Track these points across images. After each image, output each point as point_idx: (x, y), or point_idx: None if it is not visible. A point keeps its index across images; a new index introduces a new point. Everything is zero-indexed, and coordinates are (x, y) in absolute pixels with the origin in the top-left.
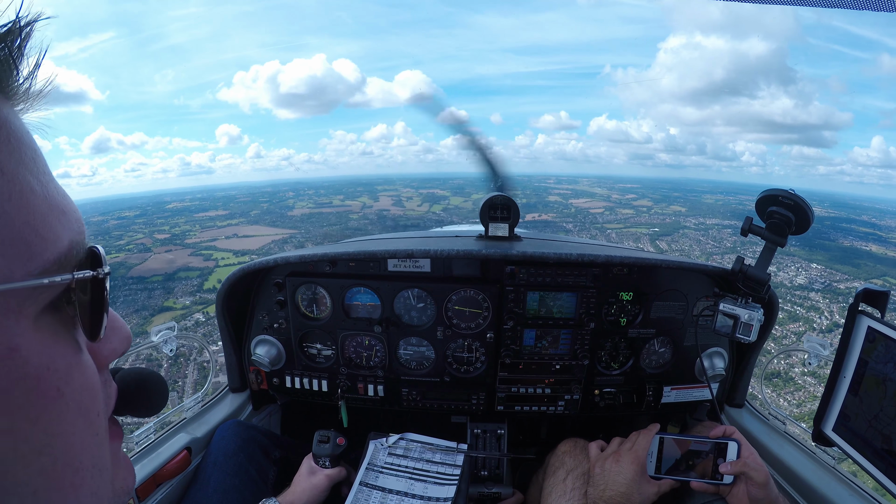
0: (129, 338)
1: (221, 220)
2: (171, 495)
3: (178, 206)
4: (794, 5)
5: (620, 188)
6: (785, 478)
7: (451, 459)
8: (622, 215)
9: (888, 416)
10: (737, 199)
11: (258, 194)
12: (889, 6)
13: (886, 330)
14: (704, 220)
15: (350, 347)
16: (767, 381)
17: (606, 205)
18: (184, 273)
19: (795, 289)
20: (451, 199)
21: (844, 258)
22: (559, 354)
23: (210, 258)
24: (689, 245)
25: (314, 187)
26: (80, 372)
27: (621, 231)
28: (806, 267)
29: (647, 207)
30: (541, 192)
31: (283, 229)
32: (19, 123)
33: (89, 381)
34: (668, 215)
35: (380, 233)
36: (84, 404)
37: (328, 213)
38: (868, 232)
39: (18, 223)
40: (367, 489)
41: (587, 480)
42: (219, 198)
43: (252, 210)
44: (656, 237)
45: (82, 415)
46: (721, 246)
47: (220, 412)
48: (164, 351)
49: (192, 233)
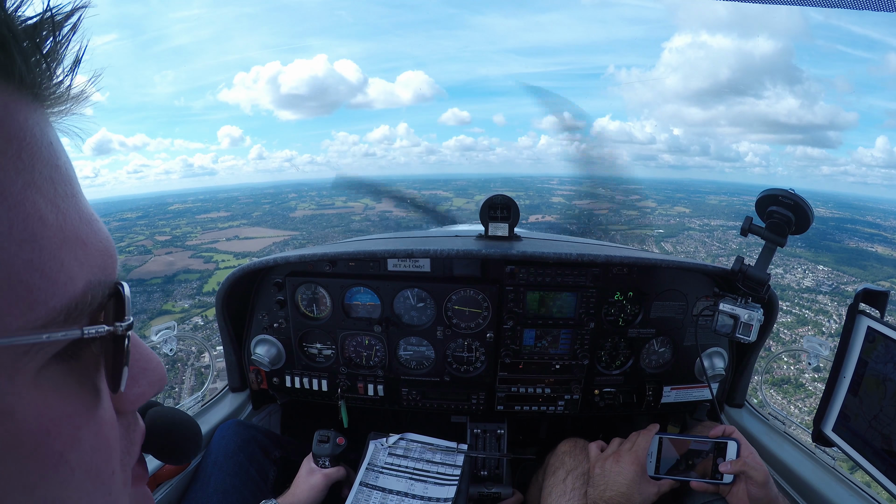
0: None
1: (223, 221)
2: (171, 495)
3: (180, 207)
4: (801, 5)
5: (623, 189)
6: (785, 478)
7: (452, 460)
8: (626, 216)
9: (888, 417)
10: (741, 200)
11: (260, 196)
12: (889, 6)
13: (886, 330)
14: (709, 221)
15: (350, 347)
16: (777, 388)
17: (610, 205)
18: (184, 275)
19: (803, 291)
20: (454, 201)
21: (851, 260)
22: (559, 354)
23: (210, 260)
24: (695, 247)
25: (317, 188)
26: (93, 432)
27: (626, 233)
28: (813, 269)
29: (651, 208)
30: (544, 193)
31: (284, 231)
32: (42, 133)
33: (103, 442)
34: (672, 216)
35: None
36: (94, 466)
37: (330, 215)
38: (873, 233)
39: (19, 262)
40: (368, 489)
41: (587, 481)
42: (221, 199)
43: (254, 212)
44: (661, 239)
45: (91, 477)
46: (727, 247)
47: (220, 412)
48: (163, 351)
49: (192, 234)
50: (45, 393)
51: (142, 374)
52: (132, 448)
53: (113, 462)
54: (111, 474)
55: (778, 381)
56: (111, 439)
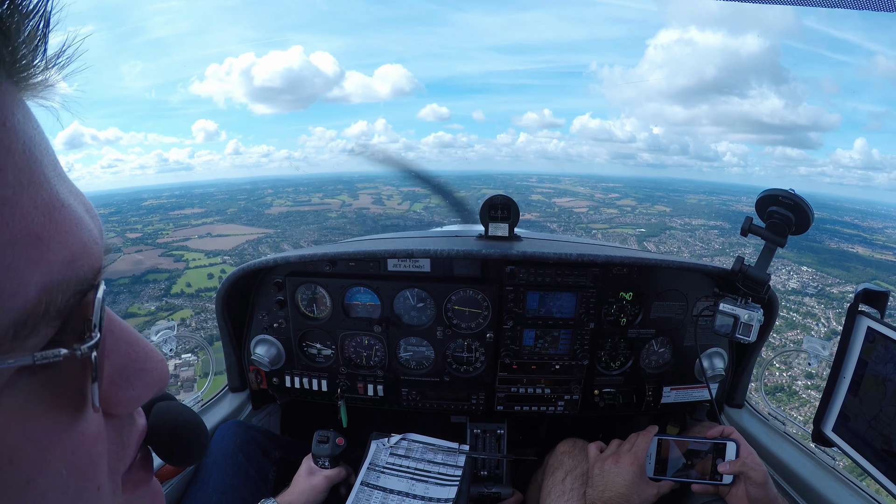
0: (165, 380)
1: (196, 218)
2: (171, 495)
3: (155, 203)
4: (800, 5)
5: (603, 187)
6: (784, 478)
7: (453, 460)
8: (607, 215)
9: (888, 417)
10: (720, 200)
11: (236, 192)
12: (890, 6)
13: (886, 330)
14: (690, 220)
15: (350, 347)
16: (771, 396)
17: (590, 204)
18: (152, 275)
19: (789, 293)
20: (431, 198)
21: (833, 261)
22: (559, 354)
23: (181, 259)
24: (678, 246)
25: (294, 185)
26: (68, 451)
27: (607, 231)
28: (797, 270)
29: (631, 207)
30: (523, 190)
31: (258, 228)
32: (4, 115)
33: (83, 459)
34: (653, 215)
35: (359, 232)
36: (72, 488)
37: (306, 212)
38: (853, 233)
39: None
40: (369, 489)
41: (586, 481)
42: (196, 195)
43: (229, 208)
44: (643, 238)
45: (69, 498)
46: (709, 248)
47: (220, 412)
48: (164, 350)
49: (164, 231)
50: (4, 416)
51: (138, 375)
52: (125, 452)
53: (97, 478)
54: (95, 490)
55: (771, 389)
56: (94, 454)
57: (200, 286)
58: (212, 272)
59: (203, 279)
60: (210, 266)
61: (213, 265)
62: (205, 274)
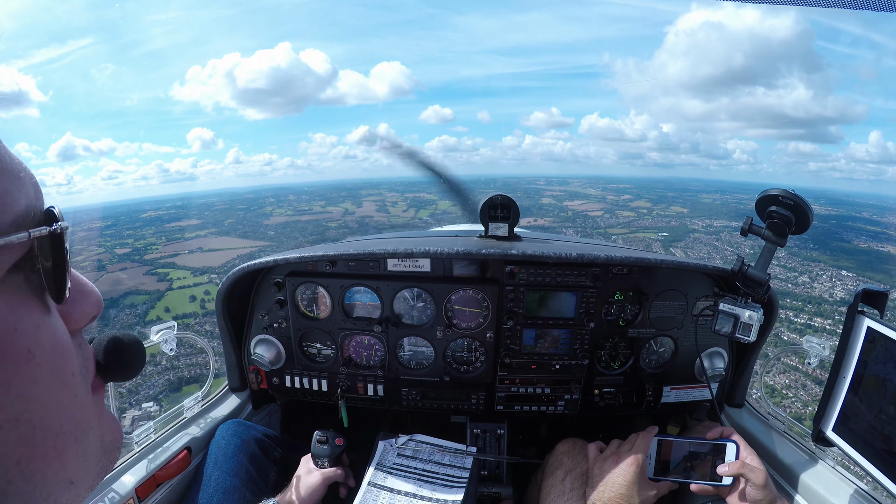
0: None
1: (192, 230)
2: (171, 495)
3: (153, 214)
4: (803, 5)
5: (614, 188)
6: (785, 478)
7: (460, 462)
8: (623, 218)
9: (888, 417)
10: (734, 199)
11: (237, 201)
12: (890, 6)
13: (886, 330)
14: (711, 221)
15: (350, 347)
16: (770, 395)
17: (604, 206)
18: (130, 298)
19: (839, 304)
20: (438, 204)
21: (871, 263)
22: (559, 354)
23: (165, 278)
24: (708, 252)
25: (297, 193)
26: (50, 332)
27: (627, 236)
28: (838, 276)
29: (646, 209)
30: (533, 194)
31: (253, 241)
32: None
33: (60, 342)
34: (671, 217)
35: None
36: (57, 365)
37: (305, 222)
38: (877, 231)
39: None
40: (376, 489)
41: (585, 481)
42: (195, 206)
43: (227, 219)
44: (668, 243)
45: (56, 376)
46: (740, 252)
47: (220, 412)
48: (164, 350)
49: (154, 246)
50: (7, 296)
51: (82, 296)
52: (87, 363)
53: (72, 364)
54: (72, 375)
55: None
56: (67, 342)
57: (179, 311)
58: (194, 294)
59: (184, 303)
60: (194, 287)
61: (198, 285)
62: (187, 296)
